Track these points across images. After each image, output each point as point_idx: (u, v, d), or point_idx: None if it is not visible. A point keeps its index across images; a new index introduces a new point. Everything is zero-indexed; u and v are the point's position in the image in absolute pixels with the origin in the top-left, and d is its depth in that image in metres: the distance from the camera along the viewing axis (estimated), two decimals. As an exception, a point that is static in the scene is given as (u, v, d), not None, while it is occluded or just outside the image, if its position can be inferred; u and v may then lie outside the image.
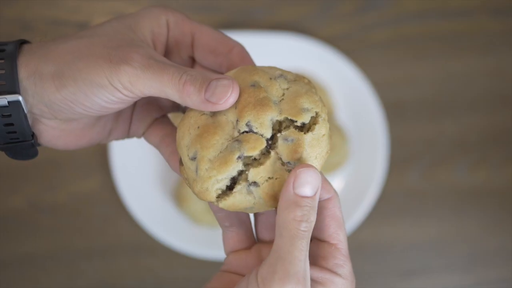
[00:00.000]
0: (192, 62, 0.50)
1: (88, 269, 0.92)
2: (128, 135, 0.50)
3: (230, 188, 0.41)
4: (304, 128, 0.41)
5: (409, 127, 0.97)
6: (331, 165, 0.94)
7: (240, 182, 0.41)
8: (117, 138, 0.50)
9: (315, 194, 0.40)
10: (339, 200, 0.44)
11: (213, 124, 0.41)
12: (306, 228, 0.39)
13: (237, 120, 0.41)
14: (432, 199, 0.96)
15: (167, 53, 0.49)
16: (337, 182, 0.95)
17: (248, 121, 0.41)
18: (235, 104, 0.42)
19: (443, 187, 0.96)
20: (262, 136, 0.41)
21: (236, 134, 0.41)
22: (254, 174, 0.40)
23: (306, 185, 0.39)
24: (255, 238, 0.48)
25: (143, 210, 0.90)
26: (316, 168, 0.40)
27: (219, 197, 0.41)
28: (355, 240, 0.93)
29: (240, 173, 0.41)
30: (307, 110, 0.41)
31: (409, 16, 0.98)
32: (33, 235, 0.92)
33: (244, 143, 0.40)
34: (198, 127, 0.42)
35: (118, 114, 0.49)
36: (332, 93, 0.95)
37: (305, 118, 0.41)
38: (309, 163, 0.41)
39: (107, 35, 0.43)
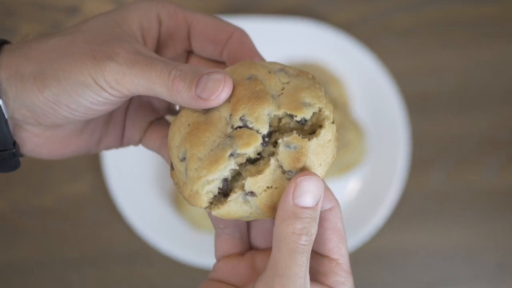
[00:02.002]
0: (188, 56, 0.50)
1: (78, 279, 0.91)
2: (121, 143, 0.50)
3: (224, 194, 0.41)
4: (306, 125, 0.41)
5: (432, 123, 0.96)
6: (345, 164, 0.92)
7: (236, 190, 0.40)
8: (109, 147, 0.50)
9: (316, 204, 0.40)
10: (341, 210, 0.43)
11: (204, 121, 0.41)
12: (307, 241, 0.39)
13: (230, 115, 0.41)
14: (458, 202, 0.95)
15: (160, 48, 0.48)
16: (352, 183, 0.93)
17: (243, 115, 0.40)
18: (229, 99, 0.41)
19: (471, 188, 0.95)
20: (258, 132, 0.40)
21: (229, 130, 0.40)
22: (251, 183, 0.40)
23: (307, 194, 0.39)
24: (249, 245, 0.48)
25: (138, 215, 0.89)
26: (318, 176, 0.40)
27: (212, 203, 0.41)
28: (373, 247, 0.92)
29: (235, 176, 0.40)
30: (309, 105, 0.40)
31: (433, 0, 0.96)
32: (18, 242, 0.91)
33: (236, 139, 0.40)
34: (189, 125, 0.41)
35: (108, 119, 0.49)
36: (347, 85, 0.94)
37: (306, 114, 0.40)
38: (313, 171, 0.40)
39: (91, 31, 0.43)
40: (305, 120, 0.41)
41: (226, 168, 0.40)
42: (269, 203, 0.40)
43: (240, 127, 0.40)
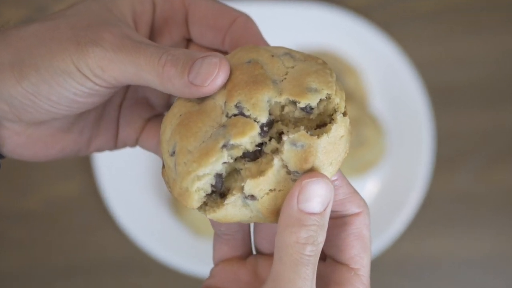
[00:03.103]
0: (187, 44, 0.49)
1: (66, 290, 0.92)
2: (116, 144, 0.50)
3: (221, 194, 0.40)
4: (312, 114, 0.40)
5: (459, 117, 0.95)
6: (362, 164, 0.92)
7: (234, 192, 0.40)
8: (101, 148, 0.50)
9: (325, 210, 0.39)
10: (369, 217, 0.43)
11: (197, 110, 0.41)
12: (312, 252, 0.38)
13: (225, 102, 0.40)
14: (488, 204, 0.94)
15: (155, 35, 0.48)
16: (371, 184, 0.92)
17: (238, 102, 0.40)
18: (226, 85, 0.41)
19: (502, 189, 0.94)
20: (255, 120, 0.39)
21: (224, 119, 0.40)
22: (252, 186, 0.39)
23: (314, 199, 0.38)
24: (252, 248, 0.48)
25: (132, 219, 0.89)
26: (327, 178, 0.39)
27: (207, 204, 0.40)
28: (394, 255, 0.91)
29: (231, 173, 0.40)
30: (315, 90, 0.40)
31: (459, -19, 0.97)
32: (0, 249, 0.91)
33: (229, 128, 0.39)
34: (180, 115, 0.41)
35: (99, 116, 0.49)
36: (365, 76, 0.93)
37: (311, 100, 0.39)
38: (322, 171, 0.39)
39: (76, 15, 0.43)
40: (311, 108, 0.40)
41: (218, 161, 0.39)
42: (272, 207, 0.40)
43: (235, 115, 0.40)
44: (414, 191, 0.90)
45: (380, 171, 0.92)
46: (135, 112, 0.50)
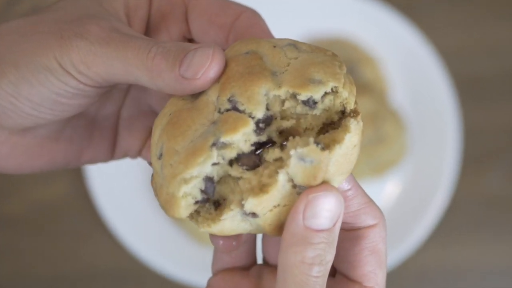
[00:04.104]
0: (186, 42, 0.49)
1: (54, 303, 0.92)
2: (112, 155, 0.49)
3: (215, 202, 0.39)
4: (316, 109, 0.39)
5: (489, 112, 0.94)
6: (382, 163, 0.90)
7: (232, 207, 0.38)
8: (95, 160, 0.49)
9: (334, 225, 0.38)
10: (386, 227, 0.42)
11: (188, 108, 0.40)
12: (320, 273, 0.37)
13: (218, 97, 0.40)
14: None
15: (151, 33, 0.48)
16: (391, 186, 0.91)
17: (232, 95, 0.39)
18: (219, 78, 0.40)
19: None
20: (250, 115, 0.38)
21: (216, 116, 0.39)
22: (253, 204, 0.38)
23: (322, 214, 0.37)
24: (256, 257, 0.47)
25: (127, 225, 0.88)
26: (337, 190, 0.38)
27: (200, 214, 0.39)
28: (416, 264, 0.90)
29: (225, 179, 0.39)
30: (318, 82, 0.38)
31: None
32: None
33: (220, 124, 0.38)
34: (170, 114, 0.41)
35: (91, 123, 0.48)
36: (384, 65, 0.92)
37: (313, 92, 0.38)
38: (331, 183, 0.38)
39: (64, 8, 0.43)
40: (314, 102, 0.39)
41: (206, 162, 0.38)
42: (276, 223, 0.39)
43: (228, 110, 0.39)
44: (439, 194, 0.88)
45: (401, 172, 0.91)
46: (138, 120, 0.49)
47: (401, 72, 0.92)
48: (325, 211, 0.38)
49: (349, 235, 0.41)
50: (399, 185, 0.91)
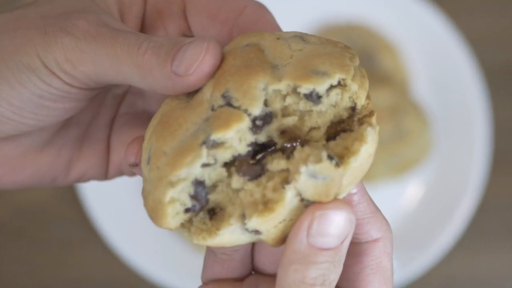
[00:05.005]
0: None
1: (41, 317, 0.91)
2: (106, 172, 0.48)
3: (209, 211, 0.38)
4: (321, 104, 0.38)
5: None
6: (403, 162, 0.89)
7: (231, 222, 0.37)
8: (86, 176, 0.48)
9: (342, 243, 0.37)
10: (392, 241, 0.42)
11: (182, 107, 0.40)
12: None
13: (211, 93, 0.39)
14: None
15: (146, 30, 0.47)
16: (413, 187, 0.90)
17: (226, 91, 0.38)
18: (215, 73, 0.39)
19: None
20: (245, 112, 0.37)
21: (210, 113, 0.38)
22: (257, 223, 0.37)
23: (330, 232, 0.36)
24: (251, 266, 0.46)
25: (120, 232, 0.86)
26: (348, 206, 0.37)
27: (194, 224, 0.37)
28: (443, 272, 0.89)
29: (219, 186, 0.38)
30: (323, 73, 0.37)
31: None
32: None
33: (212, 120, 0.37)
34: (161, 115, 0.40)
35: (82, 133, 0.47)
36: (406, 54, 0.92)
37: (316, 84, 0.37)
38: (341, 195, 0.38)
39: (51, 3, 0.42)
40: (318, 97, 0.37)
41: (194, 162, 0.36)
42: (279, 237, 0.38)
43: (221, 106, 0.38)
44: (466, 196, 0.87)
45: (424, 172, 0.90)
46: (133, 130, 0.48)
47: (424, 61, 0.91)
48: (333, 229, 0.37)
49: (350, 251, 0.40)
50: (422, 186, 0.90)
